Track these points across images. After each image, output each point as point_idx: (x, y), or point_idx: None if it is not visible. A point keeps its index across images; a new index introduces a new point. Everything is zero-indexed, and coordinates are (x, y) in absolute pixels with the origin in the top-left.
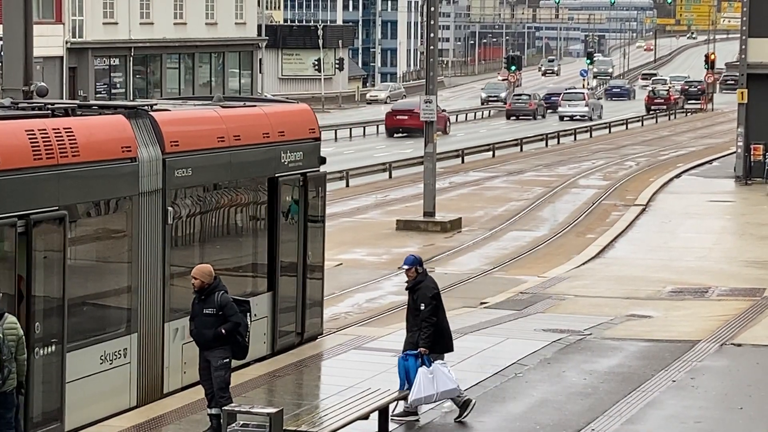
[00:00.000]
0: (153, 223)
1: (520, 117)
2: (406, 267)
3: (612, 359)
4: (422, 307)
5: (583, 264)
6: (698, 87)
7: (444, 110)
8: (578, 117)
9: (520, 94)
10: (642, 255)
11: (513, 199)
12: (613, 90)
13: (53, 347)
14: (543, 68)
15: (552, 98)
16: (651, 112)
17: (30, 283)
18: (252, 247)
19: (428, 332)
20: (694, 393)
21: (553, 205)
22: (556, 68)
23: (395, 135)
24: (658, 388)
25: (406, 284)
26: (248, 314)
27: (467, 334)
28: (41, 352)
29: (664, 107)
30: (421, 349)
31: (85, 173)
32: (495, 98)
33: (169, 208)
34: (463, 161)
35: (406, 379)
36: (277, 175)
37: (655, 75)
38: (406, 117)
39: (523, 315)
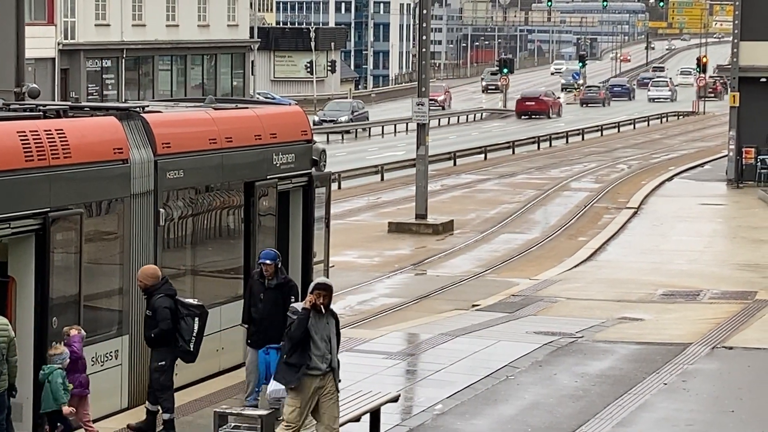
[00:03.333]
0: (144, 225)
1: (590, 105)
2: (268, 262)
3: (603, 362)
4: (292, 300)
5: (575, 267)
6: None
7: (559, 97)
8: (662, 99)
9: (591, 86)
10: (634, 258)
11: (505, 201)
12: (614, 89)
13: None
14: (484, 82)
15: (614, 89)
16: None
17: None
18: (243, 249)
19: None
20: (685, 396)
21: (545, 208)
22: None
23: (522, 117)
24: (650, 391)
25: (267, 280)
26: (196, 318)
27: (459, 337)
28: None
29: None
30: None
31: (76, 175)
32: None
33: (161, 210)
34: (455, 164)
35: (267, 372)
36: (269, 176)
37: (662, 69)
38: (533, 103)
39: (514, 317)
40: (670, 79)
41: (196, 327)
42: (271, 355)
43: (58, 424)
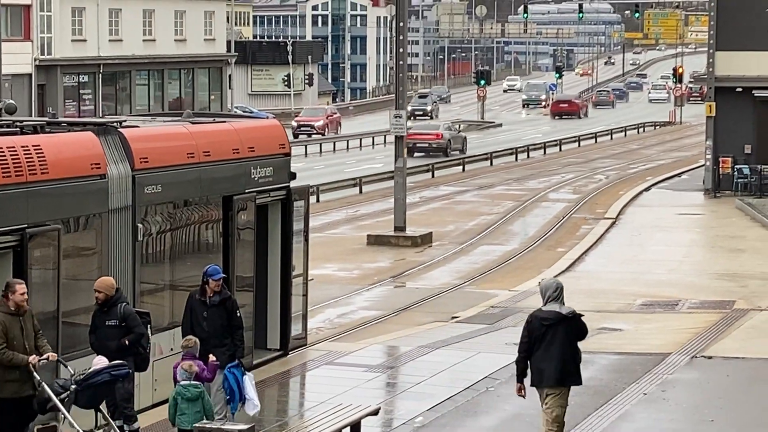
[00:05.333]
0: (123, 240)
1: (599, 107)
2: (218, 278)
3: (583, 372)
4: (238, 314)
5: (554, 277)
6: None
7: (579, 97)
8: (661, 101)
9: (601, 90)
10: (612, 268)
11: (483, 213)
12: (614, 92)
13: None
14: (410, 107)
15: (614, 92)
16: None
17: None
18: (222, 263)
19: (243, 340)
20: (665, 406)
21: (524, 219)
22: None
23: (556, 117)
24: (630, 401)
25: (208, 298)
26: (149, 326)
27: (438, 349)
28: None
29: None
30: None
31: (54, 191)
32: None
33: (139, 225)
34: (433, 175)
35: (240, 389)
36: (247, 190)
37: (645, 75)
38: (566, 105)
39: (494, 329)
40: (667, 82)
41: (150, 334)
42: (237, 374)
43: None
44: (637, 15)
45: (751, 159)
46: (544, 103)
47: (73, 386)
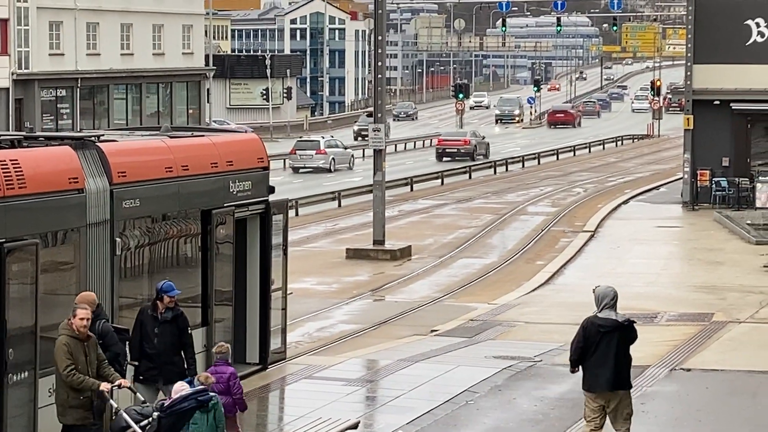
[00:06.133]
0: (101, 255)
1: (586, 116)
2: (173, 295)
3: (562, 385)
4: (189, 331)
5: (533, 291)
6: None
7: (573, 108)
8: (643, 110)
9: (587, 101)
10: (591, 281)
11: (462, 226)
12: (599, 103)
13: None
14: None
15: (601, 102)
16: None
17: None
18: (200, 277)
19: (194, 357)
20: (644, 418)
21: (503, 232)
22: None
23: (552, 127)
24: None
25: (160, 314)
26: (127, 342)
27: (418, 362)
28: None
29: None
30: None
31: (31, 205)
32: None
33: (118, 239)
34: (412, 189)
35: None
36: (226, 204)
37: (625, 87)
38: (562, 115)
39: (473, 342)
40: (647, 94)
41: (127, 351)
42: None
43: None
44: (614, 28)
45: (729, 172)
46: (517, 119)
47: (156, 413)
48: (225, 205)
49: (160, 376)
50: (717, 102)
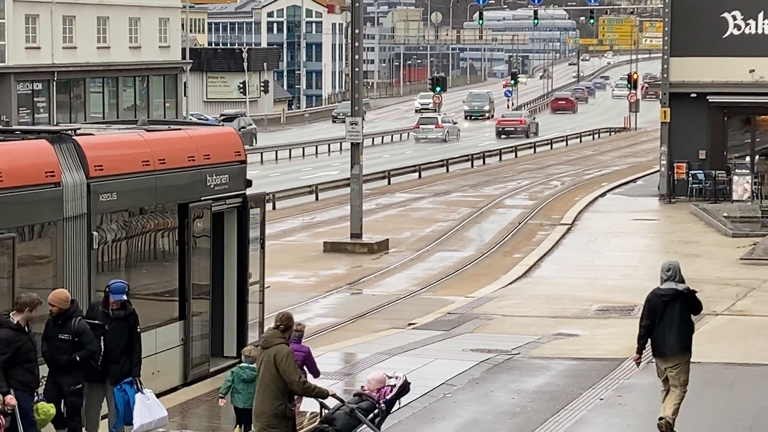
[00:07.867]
0: (78, 249)
1: (559, 111)
2: (120, 300)
3: (540, 378)
4: (138, 330)
5: (510, 284)
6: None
7: (572, 95)
8: (623, 97)
9: (577, 89)
10: (568, 274)
11: (440, 219)
12: (577, 95)
13: None
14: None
15: (588, 89)
16: None
17: None
18: (178, 271)
19: (140, 357)
20: (621, 411)
21: (480, 226)
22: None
23: (556, 112)
24: (586, 406)
25: (111, 311)
26: (102, 338)
27: (396, 355)
28: None
29: None
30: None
31: (8, 199)
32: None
33: (94, 233)
34: (389, 182)
35: (127, 411)
36: (203, 198)
37: (607, 78)
38: (564, 102)
39: (451, 335)
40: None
41: (103, 347)
42: (129, 393)
43: None
44: (591, 21)
45: (706, 164)
46: (487, 114)
47: (382, 405)
48: (202, 198)
49: (108, 374)
50: (694, 95)
